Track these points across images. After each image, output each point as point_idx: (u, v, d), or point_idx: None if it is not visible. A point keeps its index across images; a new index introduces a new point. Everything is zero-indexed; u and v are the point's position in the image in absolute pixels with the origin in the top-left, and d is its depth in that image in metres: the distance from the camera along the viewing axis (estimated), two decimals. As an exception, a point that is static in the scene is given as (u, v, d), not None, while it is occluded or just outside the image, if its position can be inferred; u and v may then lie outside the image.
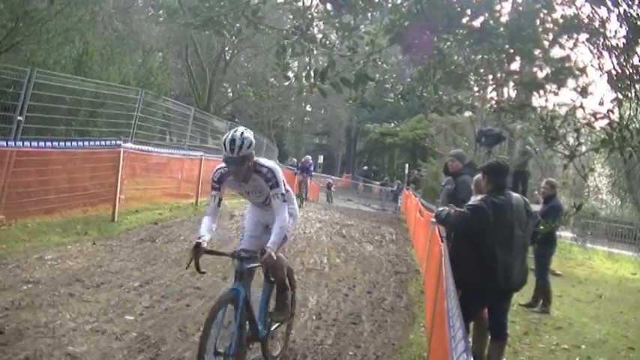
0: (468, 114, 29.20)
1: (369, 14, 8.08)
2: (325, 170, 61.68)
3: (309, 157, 37.28)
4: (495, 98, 8.88)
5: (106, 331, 7.86)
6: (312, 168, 37.35)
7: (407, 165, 51.51)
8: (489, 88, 8.74)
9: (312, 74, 6.93)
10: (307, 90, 7.19)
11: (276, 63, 7.28)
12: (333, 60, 6.98)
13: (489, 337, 8.10)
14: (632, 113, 7.37)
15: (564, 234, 31.88)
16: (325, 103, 66.66)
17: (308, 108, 77.84)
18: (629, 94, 7.17)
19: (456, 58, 7.85)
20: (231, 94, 63.91)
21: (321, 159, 59.63)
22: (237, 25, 7.27)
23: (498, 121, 14.71)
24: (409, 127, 48.44)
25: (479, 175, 8.58)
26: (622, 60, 7.01)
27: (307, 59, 7.43)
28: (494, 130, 17.85)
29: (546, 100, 8.03)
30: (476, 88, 8.64)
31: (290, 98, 60.02)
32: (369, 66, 7.38)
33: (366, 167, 76.87)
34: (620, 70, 7.04)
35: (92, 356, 6.96)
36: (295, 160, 40.66)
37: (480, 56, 7.60)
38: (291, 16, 8.37)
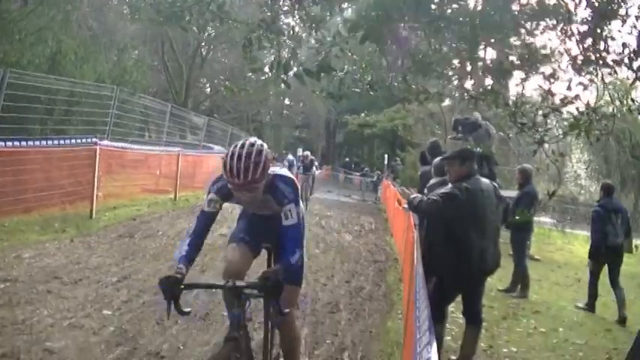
0: (446, 103, 29.31)
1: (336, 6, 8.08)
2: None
3: (309, 153, 32.01)
4: (466, 86, 8.96)
5: (83, 326, 7.88)
6: (316, 164, 32.91)
7: (386, 155, 51.43)
8: (459, 76, 8.81)
9: (275, 65, 6.94)
10: (272, 82, 7.22)
11: (243, 56, 7.31)
12: (296, 51, 7.01)
13: (465, 323, 8.16)
14: (598, 95, 7.47)
15: (543, 219, 32.07)
16: (303, 96, 66.54)
17: (287, 102, 77.56)
18: (594, 79, 7.27)
19: (421, 47, 7.92)
20: (209, 89, 63.79)
21: (300, 152, 59.53)
22: (203, 19, 7.28)
23: (475, 110, 14.80)
24: (387, 118, 48.39)
25: (438, 159, 8.67)
26: (587, 45, 7.09)
27: (276, 52, 7.46)
28: (470, 119, 17.92)
29: (523, 88, 8.16)
30: (449, 77, 8.73)
31: (268, 92, 60.05)
32: (331, 56, 7.42)
33: (347, 159, 76.70)
34: (585, 55, 7.13)
35: (70, 351, 6.98)
36: (291, 157, 38.50)
37: (447, 44, 7.67)
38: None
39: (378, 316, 10.06)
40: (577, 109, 7.33)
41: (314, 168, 31.38)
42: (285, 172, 5.64)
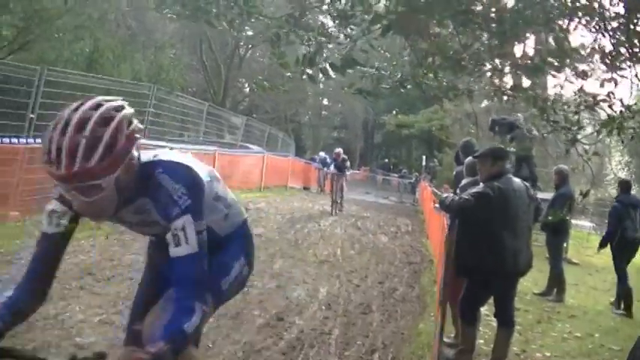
0: (483, 104, 29.13)
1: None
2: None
3: (341, 151, 27.32)
4: (497, 83, 8.86)
5: (114, 322, 7.90)
6: (348, 164, 27.11)
7: (424, 157, 51.33)
8: (488, 74, 8.71)
9: (301, 60, 6.87)
10: (297, 77, 7.14)
11: (271, 52, 7.26)
12: (321, 45, 6.94)
13: (497, 325, 8.08)
14: (631, 93, 7.38)
15: (582, 223, 31.78)
16: (342, 97, 66.59)
17: (325, 102, 77.61)
18: (627, 75, 7.17)
19: (453, 43, 7.84)
20: (247, 89, 64.06)
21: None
22: (230, 14, 7.21)
23: (512, 110, 14.72)
24: (425, 119, 48.22)
25: (470, 159, 8.58)
26: (619, 39, 6.99)
27: (306, 47, 7.40)
28: (507, 119, 17.83)
29: (562, 88, 8.04)
30: (481, 74, 8.62)
31: (306, 92, 60.09)
32: (355, 50, 7.35)
33: (386, 160, 76.59)
34: (616, 51, 7.03)
35: (99, 346, 6.97)
36: (323, 154, 36.41)
37: (477, 41, 7.59)
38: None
39: (411, 317, 10.01)
40: (610, 106, 7.24)
41: (346, 169, 26.72)
42: (176, 156, 3.42)
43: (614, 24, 7.03)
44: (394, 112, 52.87)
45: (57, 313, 7.96)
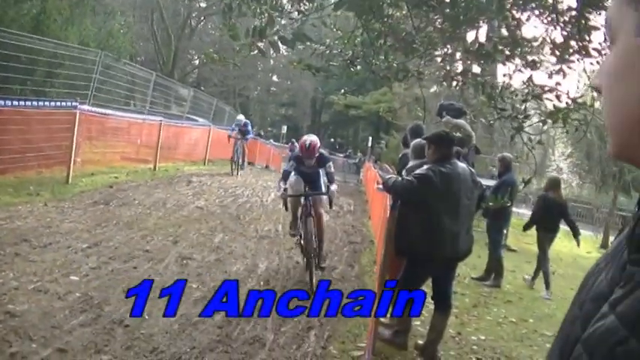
0: (432, 89, 29.25)
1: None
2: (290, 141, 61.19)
3: (316, 142, 22.07)
4: (447, 68, 8.86)
5: (49, 290, 7.78)
6: (331, 167, 20.49)
7: (370, 138, 51.55)
8: (439, 58, 8.73)
9: (251, 32, 6.75)
10: (246, 49, 7.02)
11: (223, 23, 7.15)
12: (273, 18, 6.82)
13: (434, 308, 8.12)
14: (577, 86, 7.45)
15: (522, 211, 32.26)
16: (291, 74, 66.60)
17: (274, 78, 77.59)
18: (575, 68, 7.22)
19: (405, 25, 7.82)
20: (197, 61, 63.70)
21: (284, 129, 59.35)
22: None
23: (461, 96, 14.79)
24: (373, 100, 48.50)
25: (416, 141, 8.60)
26: (571, 32, 7.03)
27: (258, 19, 7.29)
28: (455, 105, 17.89)
29: (510, 77, 8.07)
30: (432, 57, 8.62)
31: (256, 67, 59.89)
32: (308, 26, 7.29)
33: (333, 140, 76.90)
34: (567, 43, 7.08)
35: (32, 315, 6.88)
36: (243, 118, 30.10)
37: (430, 24, 7.58)
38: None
39: (349, 297, 10.01)
40: (557, 97, 7.29)
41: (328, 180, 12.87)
42: None
43: (567, 17, 7.06)
44: (342, 91, 52.99)
45: (-11, 279, 7.81)
